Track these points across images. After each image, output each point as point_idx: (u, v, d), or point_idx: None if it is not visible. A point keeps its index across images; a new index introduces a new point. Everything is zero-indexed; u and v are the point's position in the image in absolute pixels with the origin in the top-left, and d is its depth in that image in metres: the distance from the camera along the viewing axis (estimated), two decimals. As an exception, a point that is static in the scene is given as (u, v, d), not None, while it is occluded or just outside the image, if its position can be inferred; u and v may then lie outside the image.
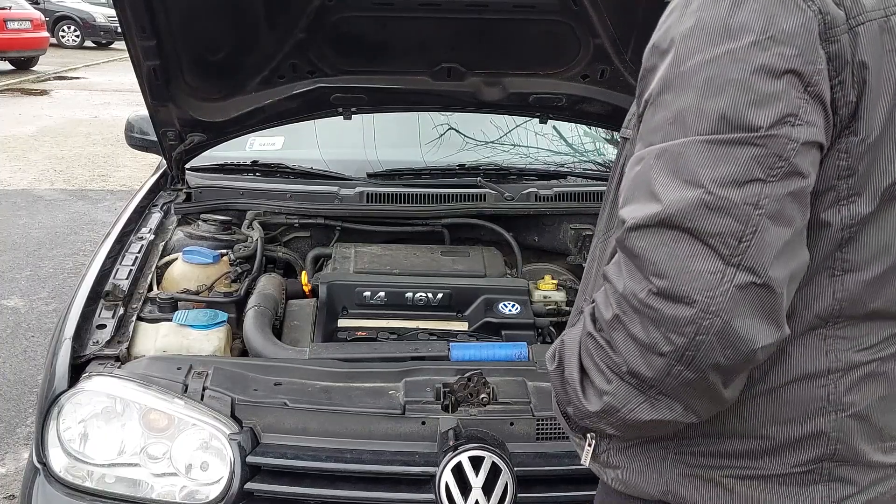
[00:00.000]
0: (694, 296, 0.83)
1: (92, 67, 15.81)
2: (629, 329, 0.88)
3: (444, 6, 2.31)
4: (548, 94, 2.67)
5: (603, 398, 0.94)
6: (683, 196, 0.84)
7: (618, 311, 0.89)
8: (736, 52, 0.84)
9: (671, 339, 0.85)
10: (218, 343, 1.95)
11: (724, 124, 0.84)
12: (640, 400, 0.91)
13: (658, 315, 0.85)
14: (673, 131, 0.87)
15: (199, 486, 1.65)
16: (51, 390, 1.72)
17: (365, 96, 2.65)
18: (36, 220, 6.01)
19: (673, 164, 0.86)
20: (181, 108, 2.47)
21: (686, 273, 0.83)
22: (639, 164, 0.90)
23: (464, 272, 2.36)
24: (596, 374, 0.94)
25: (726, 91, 0.84)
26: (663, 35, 0.92)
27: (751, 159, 0.83)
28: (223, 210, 2.58)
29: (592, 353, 0.95)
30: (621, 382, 0.91)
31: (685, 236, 0.84)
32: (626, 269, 0.89)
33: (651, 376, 0.88)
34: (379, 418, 1.68)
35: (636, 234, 0.87)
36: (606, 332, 0.92)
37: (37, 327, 4.17)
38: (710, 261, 0.83)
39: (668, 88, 0.89)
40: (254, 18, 2.32)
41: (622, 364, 0.90)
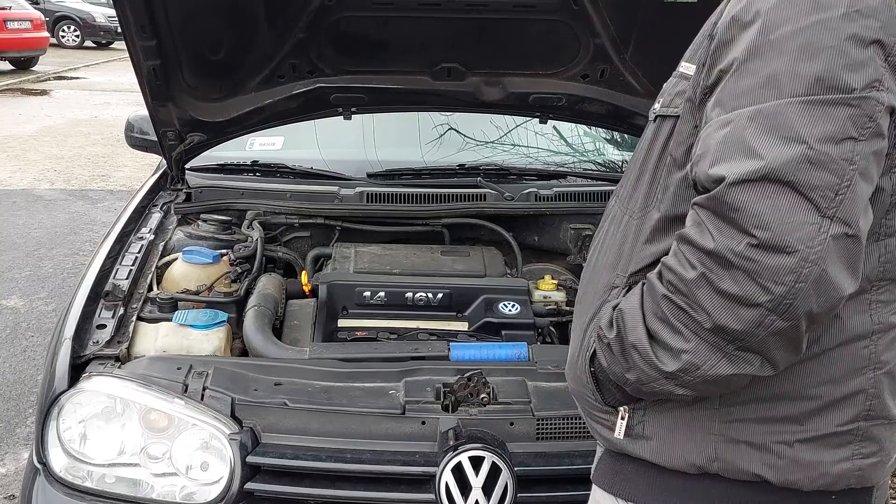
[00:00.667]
0: (796, 245, 0.88)
1: (92, 67, 15.81)
2: (717, 285, 0.92)
3: (445, 6, 2.30)
4: (548, 94, 2.67)
5: (682, 357, 0.97)
6: (786, 151, 0.88)
7: (703, 270, 0.93)
8: (827, 22, 0.90)
9: (770, 288, 0.89)
10: (218, 343, 1.95)
11: (821, 86, 0.89)
12: (719, 356, 0.95)
13: (757, 266, 0.89)
14: (765, 94, 0.92)
15: (199, 486, 1.65)
16: (51, 390, 1.72)
17: (365, 96, 2.65)
18: (36, 219, 6.01)
19: (770, 122, 0.90)
20: (181, 108, 2.47)
21: (788, 224, 0.88)
22: (725, 126, 0.94)
23: (464, 272, 2.36)
24: (671, 336, 0.98)
25: (821, 56, 0.89)
26: (745, 7, 0.96)
27: (847, 118, 0.89)
28: (223, 210, 2.58)
29: (668, 315, 0.98)
30: (701, 341, 0.96)
31: (787, 189, 0.88)
32: (717, 228, 0.92)
33: (739, 329, 0.92)
34: (379, 418, 1.68)
35: (737, 189, 0.90)
36: (687, 292, 0.95)
37: (36, 327, 4.17)
38: (809, 213, 0.88)
39: (756, 55, 0.93)
40: (254, 18, 2.32)
41: (705, 321, 0.94)
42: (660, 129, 1.11)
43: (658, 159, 1.10)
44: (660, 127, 1.11)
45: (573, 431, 1.70)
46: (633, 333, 1.03)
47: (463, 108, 2.80)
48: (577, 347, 1.18)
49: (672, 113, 1.09)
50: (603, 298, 1.14)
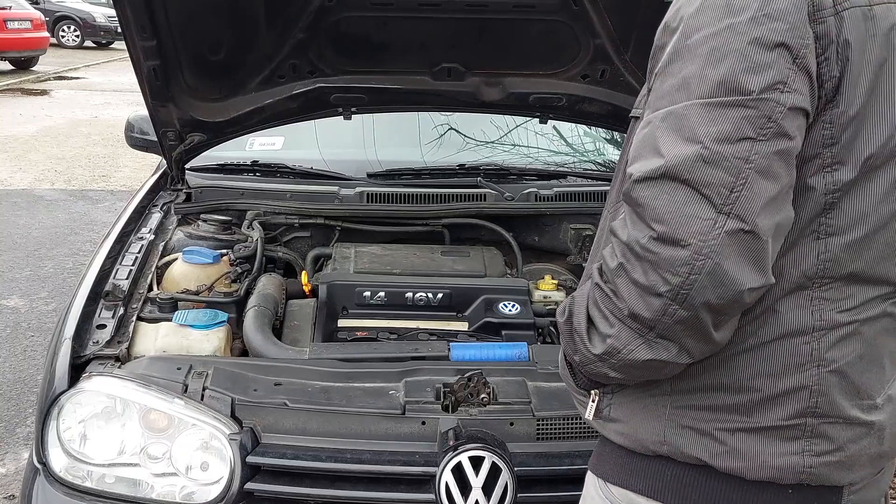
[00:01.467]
0: (689, 239, 0.93)
1: (92, 67, 15.82)
2: (631, 275, 0.98)
3: (444, 6, 2.30)
4: (548, 94, 2.67)
5: (606, 341, 1.04)
6: (683, 151, 0.94)
7: (622, 260, 0.99)
8: (736, 27, 0.94)
9: (668, 279, 0.94)
10: (218, 343, 1.95)
11: (722, 88, 0.94)
12: (639, 342, 1.01)
13: (657, 258, 0.95)
14: (678, 96, 0.97)
15: (199, 486, 1.65)
16: (51, 390, 1.72)
17: (365, 96, 2.65)
18: (36, 219, 6.01)
19: (676, 123, 0.96)
20: (181, 108, 2.47)
21: (682, 218, 0.93)
22: (647, 126, 1.00)
23: (464, 272, 2.36)
24: (601, 321, 1.05)
25: (726, 60, 0.94)
26: (673, 15, 1.03)
27: (742, 119, 0.93)
28: (223, 210, 2.58)
29: (598, 302, 1.05)
30: (623, 326, 1.02)
31: (683, 186, 0.94)
32: (630, 220, 0.99)
33: (649, 317, 0.98)
34: (379, 418, 1.68)
35: (641, 186, 0.97)
36: (611, 281, 1.02)
37: (37, 327, 4.17)
38: (704, 208, 0.93)
39: (675, 59, 0.99)
40: (254, 18, 2.32)
41: (624, 308, 1.00)
42: (631, 130, 1.16)
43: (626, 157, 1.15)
44: (632, 128, 1.16)
45: (573, 431, 1.70)
46: (576, 318, 1.09)
47: (463, 108, 2.80)
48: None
49: (636, 114, 1.14)
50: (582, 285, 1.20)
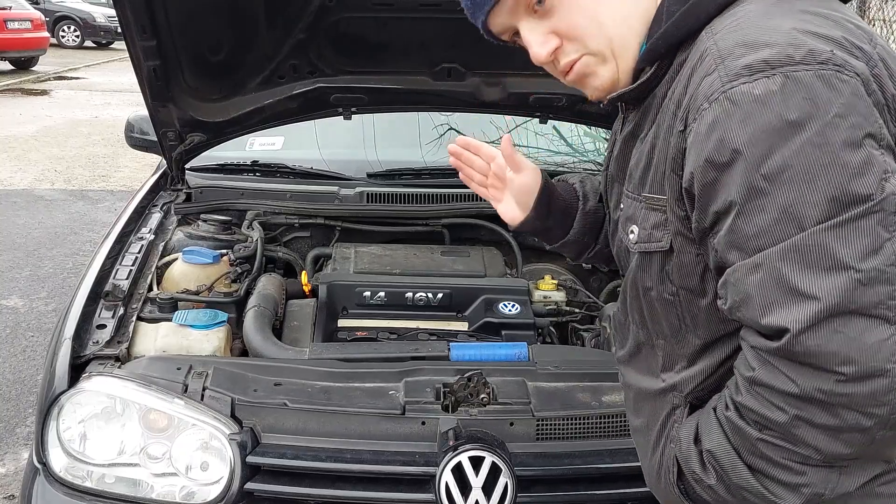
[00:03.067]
0: (885, 365, 0.86)
1: (92, 67, 15.82)
2: (815, 422, 0.90)
3: (444, 6, 2.30)
4: (548, 94, 2.67)
5: (802, 491, 0.96)
6: (836, 283, 0.87)
7: (795, 412, 0.91)
8: (813, 140, 0.88)
9: (872, 413, 0.88)
10: (218, 343, 1.95)
11: (838, 205, 0.87)
12: (836, 475, 0.95)
13: (852, 399, 0.88)
14: (784, 230, 0.89)
15: (198, 486, 1.65)
16: (51, 390, 1.72)
17: (365, 96, 2.65)
18: (36, 219, 6.01)
19: (805, 258, 0.88)
20: (181, 108, 2.47)
21: (868, 349, 0.86)
22: (757, 271, 0.91)
23: (464, 272, 2.36)
24: (781, 472, 0.96)
25: (822, 176, 0.87)
26: (716, 148, 0.92)
27: (876, 226, 0.87)
28: (223, 210, 2.58)
29: (769, 455, 0.96)
30: (814, 469, 0.94)
31: (852, 317, 0.87)
32: (794, 372, 0.90)
33: (851, 452, 0.92)
34: (379, 418, 1.68)
35: (807, 336, 0.88)
36: (784, 433, 0.93)
37: (36, 327, 4.17)
38: (882, 329, 0.87)
39: (755, 195, 0.90)
40: (254, 19, 2.32)
41: (814, 454, 0.93)
42: (649, 264, 1.10)
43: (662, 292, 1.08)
44: (648, 262, 1.10)
45: (573, 432, 1.70)
46: (735, 475, 1.00)
47: (463, 108, 2.80)
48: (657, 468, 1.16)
49: (657, 249, 1.07)
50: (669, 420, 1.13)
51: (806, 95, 0.88)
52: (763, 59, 0.91)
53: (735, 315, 0.96)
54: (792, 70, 0.89)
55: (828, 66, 0.90)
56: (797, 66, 0.89)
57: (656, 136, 1.06)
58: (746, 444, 0.97)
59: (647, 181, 1.08)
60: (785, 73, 0.89)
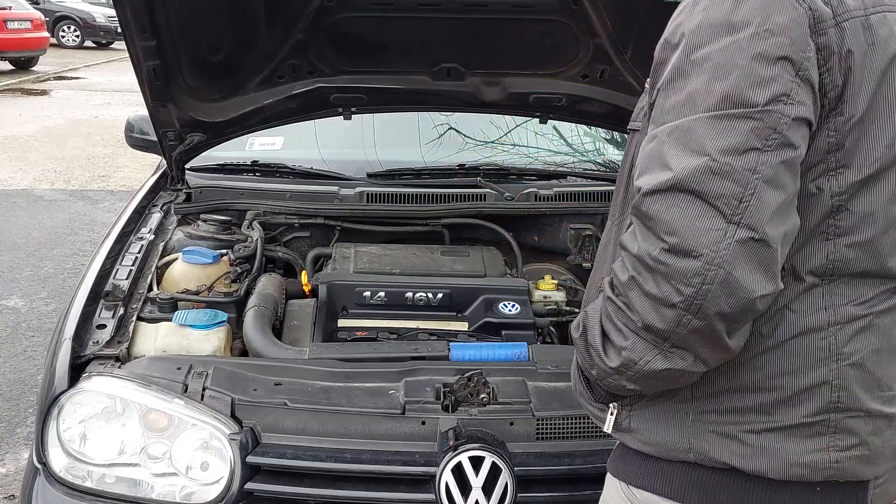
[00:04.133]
0: (701, 250, 0.94)
1: (92, 67, 15.82)
2: (643, 287, 0.99)
3: (444, 6, 2.31)
4: (548, 94, 2.67)
5: (622, 353, 1.05)
6: (691, 163, 0.96)
7: (633, 273, 1.00)
8: (739, 42, 0.97)
9: (681, 290, 0.96)
10: (218, 343, 1.95)
11: (728, 102, 0.96)
12: (654, 352, 1.02)
13: (669, 270, 0.96)
14: (684, 111, 0.99)
15: (199, 486, 1.65)
16: (51, 390, 1.72)
17: (365, 96, 2.65)
18: (36, 220, 6.01)
19: (683, 137, 0.98)
20: (181, 108, 2.47)
21: (694, 230, 0.95)
22: (652, 140, 1.02)
23: (464, 272, 2.36)
24: (615, 334, 1.06)
25: (731, 75, 0.96)
26: (673, 31, 1.05)
27: (749, 131, 0.95)
28: (223, 210, 2.58)
29: (612, 315, 1.06)
30: (637, 338, 1.03)
31: (693, 198, 0.96)
32: (640, 233, 1.00)
33: (663, 328, 0.99)
34: (379, 418, 1.68)
35: (651, 199, 0.98)
36: (623, 294, 1.03)
37: (37, 327, 4.17)
38: (714, 219, 0.95)
39: (679, 76, 1.01)
40: (254, 19, 2.32)
41: (637, 321, 1.01)
42: (631, 142, 1.19)
43: (629, 170, 1.16)
44: (631, 139, 1.19)
45: (573, 431, 1.70)
46: (591, 333, 1.11)
47: (463, 108, 2.80)
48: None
49: (636, 127, 1.17)
50: (590, 299, 1.22)
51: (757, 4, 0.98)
52: None
53: None
54: None
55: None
56: None
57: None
58: (603, 305, 1.09)
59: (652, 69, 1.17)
60: None
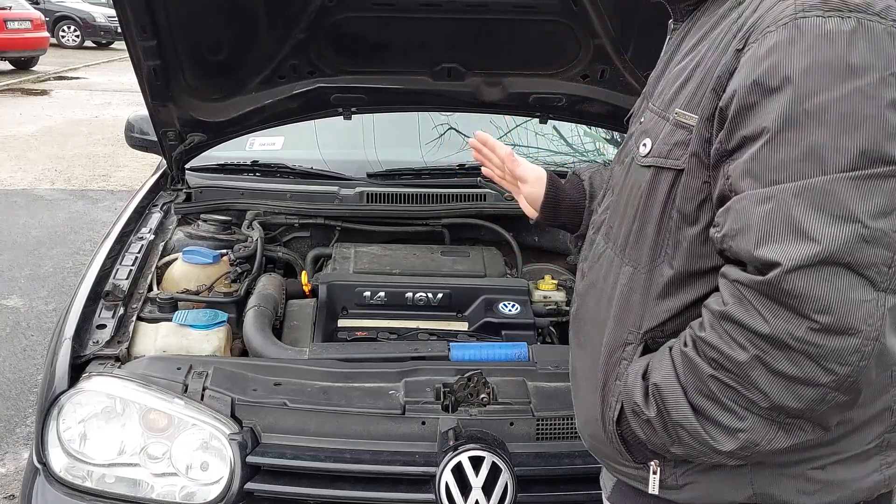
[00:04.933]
0: (858, 325, 0.87)
1: (92, 67, 15.81)
2: (774, 367, 0.90)
3: (445, 6, 2.31)
4: (548, 94, 2.67)
5: (738, 436, 0.96)
6: (841, 232, 0.87)
7: (756, 352, 0.91)
8: (864, 89, 0.88)
9: (834, 369, 0.88)
10: (218, 343, 1.95)
11: (866, 159, 0.87)
12: (776, 430, 0.95)
13: (820, 350, 0.88)
14: (807, 168, 0.89)
15: (199, 486, 1.65)
16: (51, 390, 1.72)
17: (365, 96, 2.65)
18: (36, 219, 6.01)
19: (819, 200, 0.88)
20: (181, 108, 2.47)
21: (849, 305, 0.87)
22: (767, 202, 0.90)
23: (464, 272, 2.37)
24: (723, 414, 0.96)
25: (862, 127, 0.87)
26: (768, 72, 0.91)
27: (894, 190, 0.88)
28: (223, 210, 2.58)
29: (717, 394, 0.96)
30: (757, 418, 0.95)
31: (843, 270, 0.87)
32: (770, 311, 0.90)
33: (799, 407, 0.92)
34: (379, 418, 1.68)
35: (796, 275, 0.88)
36: (739, 373, 0.93)
37: (36, 327, 4.17)
38: (866, 290, 0.87)
39: (791, 125, 0.90)
40: (254, 19, 2.32)
41: (761, 400, 0.93)
42: (657, 180, 1.06)
43: (661, 213, 1.06)
44: (657, 177, 1.06)
45: (573, 431, 1.69)
46: (676, 412, 0.99)
47: (463, 108, 2.80)
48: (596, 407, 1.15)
49: (672, 166, 1.04)
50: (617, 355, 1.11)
51: (872, 46, 0.88)
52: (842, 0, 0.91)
53: (725, 244, 0.95)
54: (867, 18, 0.89)
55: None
56: (873, 16, 0.90)
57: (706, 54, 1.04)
58: (696, 380, 0.97)
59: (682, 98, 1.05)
60: (859, 19, 0.89)
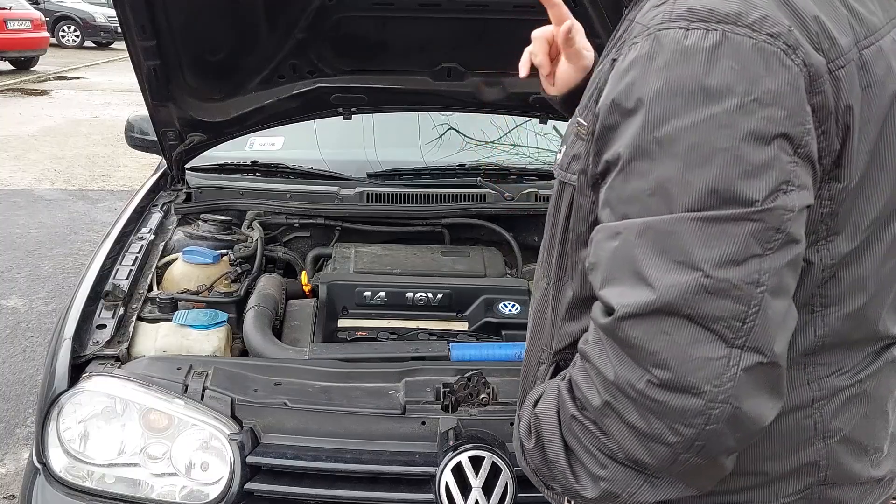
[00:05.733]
0: (702, 386, 0.78)
1: (92, 67, 15.81)
2: (625, 417, 0.82)
3: (444, 6, 2.31)
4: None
5: (599, 484, 0.88)
6: (680, 280, 0.78)
7: (608, 399, 0.83)
8: (719, 118, 0.77)
9: (678, 430, 0.80)
10: (218, 343, 1.95)
11: (716, 199, 0.77)
12: (640, 482, 0.87)
13: (661, 407, 0.80)
14: (654, 205, 0.80)
15: (199, 486, 1.65)
16: (51, 390, 1.72)
17: (365, 96, 2.65)
18: (36, 219, 6.01)
19: (661, 243, 0.79)
20: (181, 108, 2.47)
21: (690, 362, 0.78)
22: (615, 239, 0.83)
23: (464, 272, 2.37)
24: (587, 458, 0.89)
25: (714, 161, 0.77)
26: (625, 91, 0.83)
27: (748, 236, 0.77)
28: (223, 210, 2.58)
29: (579, 436, 0.89)
30: (618, 466, 0.87)
31: (685, 322, 0.78)
32: (616, 357, 0.82)
33: (654, 464, 0.84)
34: (379, 418, 1.68)
35: (630, 323, 0.80)
36: (594, 418, 0.86)
37: (36, 327, 4.17)
38: (714, 346, 0.78)
39: (641, 155, 0.81)
40: (254, 18, 2.32)
41: (618, 451, 0.85)
42: (561, 195, 0.99)
43: (563, 230, 0.99)
44: (561, 192, 0.99)
45: (573, 431, 1.70)
46: (550, 448, 0.92)
47: (463, 108, 2.81)
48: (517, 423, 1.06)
49: (569, 180, 0.97)
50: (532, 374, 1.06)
51: (735, 65, 0.77)
52: (710, 7, 0.80)
53: (589, 277, 0.88)
54: (735, 31, 0.78)
55: (776, 42, 0.78)
56: (743, 28, 0.78)
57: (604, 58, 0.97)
58: (566, 419, 0.90)
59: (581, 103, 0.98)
60: (725, 33, 0.78)
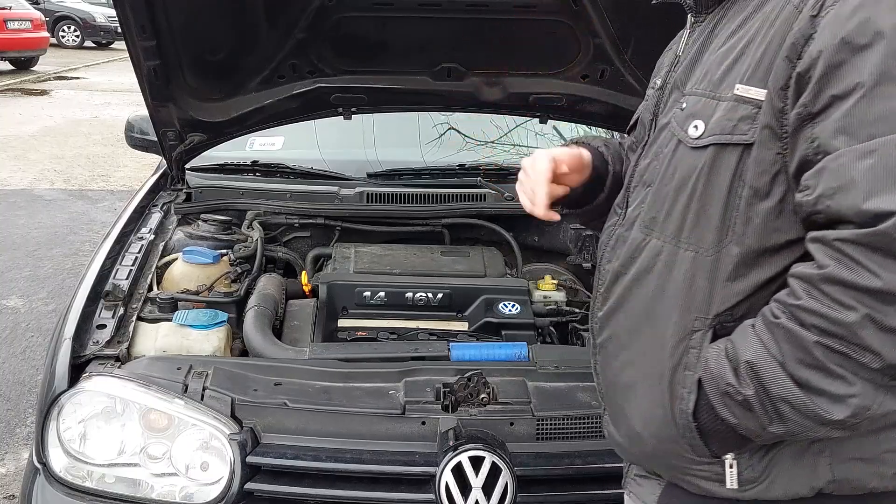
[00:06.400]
0: None
1: (92, 67, 15.81)
2: (886, 322, 0.88)
3: (445, 6, 2.31)
4: (548, 94, 2.67)
5: (849, 402, 0.93)
6: None
7: (867, 311, 0.89)
8: None
9: None
10: (218, 343, 1.95)
11: None
12: (883, 392, 0.93)
13: None
14: None
15: (199, 486, 1.65)
16: (51, 390, 1.72)
17: (365, 96, 2.65)
18: (36, 219, 6.01)
19: None
20: (181, 108, 2.47)
21: None
22: (869, 157, 0.90)
23: (464, 272, 2.37)
24: (831, 383, 0.93)
25: None
26: (858, 29, 0.92)
27: None
28: (223, 210, 2.58)
29: (824, 362, 0.93)
30: (865, 382, 0.92)
31: None
32: (880, 264, 0.88)
33: None
34: (379, 418, 1.68)
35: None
36: (847, 335, 0.91)
37: (36, 327, 4.16)
38: None
39: (887, 80, 0.90)
40: (254, 18, 2.32)
41: (872, 362, 0.90)
42: (720, 159, 1.04)
43: (728, 192, 1.03)
44: (719, 156, 1.04)
45: (573, 431, 1.70)
46: (778, 386, 0.96)
47: (463, 108, 2.81)
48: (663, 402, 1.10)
49: (739, 141, 1.02)
50: (684, 345, 1.07)
51: None
52: None
53: (821, 205, 0.93)
54: None
55: None
56: None
57: (759, 29, 1.03)
58: (797, 351, 0.94)
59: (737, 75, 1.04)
60: None
